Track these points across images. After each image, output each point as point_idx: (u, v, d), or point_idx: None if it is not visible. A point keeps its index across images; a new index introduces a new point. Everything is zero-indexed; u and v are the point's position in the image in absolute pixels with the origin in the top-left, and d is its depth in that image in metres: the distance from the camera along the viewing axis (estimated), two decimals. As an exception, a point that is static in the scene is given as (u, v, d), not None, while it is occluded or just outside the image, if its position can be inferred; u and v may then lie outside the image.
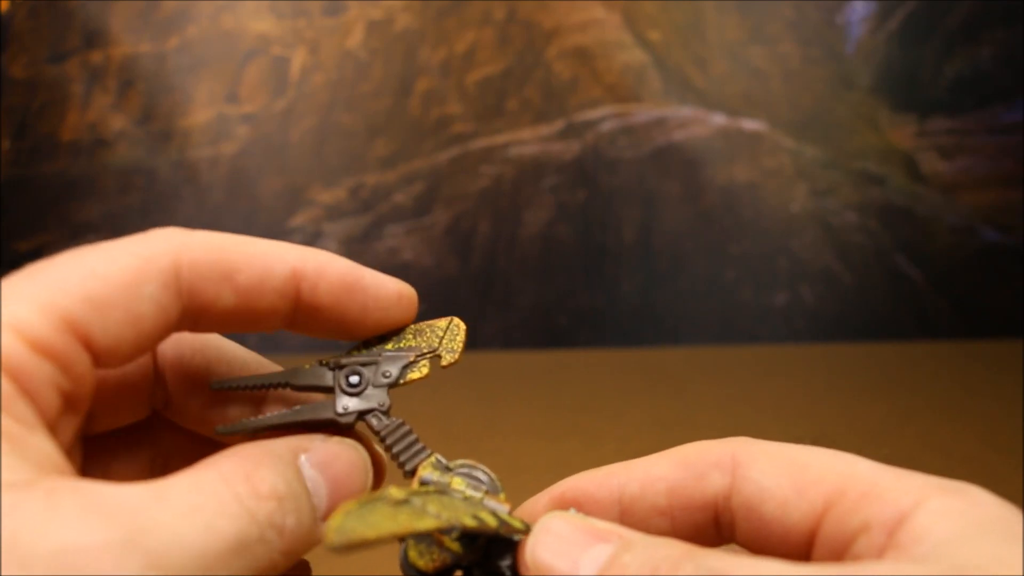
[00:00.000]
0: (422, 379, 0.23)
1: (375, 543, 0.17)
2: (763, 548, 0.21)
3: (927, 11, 1.82)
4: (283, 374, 0.22)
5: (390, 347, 0.23)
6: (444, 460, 0.21)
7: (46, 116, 1.90)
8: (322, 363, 0.22)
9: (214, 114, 1.89)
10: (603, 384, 1.55)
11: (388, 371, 0.22)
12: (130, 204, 1.87)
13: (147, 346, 0.20)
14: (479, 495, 0.21)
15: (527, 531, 0.20)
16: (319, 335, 0.23)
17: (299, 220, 1.87)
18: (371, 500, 0.17)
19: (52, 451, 0.17)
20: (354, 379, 0.22)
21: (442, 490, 0.20)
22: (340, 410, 0.21)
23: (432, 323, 0.24)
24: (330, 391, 0.22)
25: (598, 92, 1.86)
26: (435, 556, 0.20)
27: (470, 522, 0.18)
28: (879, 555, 0.18)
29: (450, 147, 1.87)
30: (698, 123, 1.84)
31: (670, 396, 1.45)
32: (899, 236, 1.82)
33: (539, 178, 1.86)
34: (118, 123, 1.88)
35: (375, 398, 0.22)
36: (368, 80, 1.89)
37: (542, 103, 1.87)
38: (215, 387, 0.21)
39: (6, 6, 1.90)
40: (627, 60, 1.85)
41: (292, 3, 1.88)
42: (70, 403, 0.18)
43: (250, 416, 0.24)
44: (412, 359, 0.23)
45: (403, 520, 0.18)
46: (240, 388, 0.21)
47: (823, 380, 1.55)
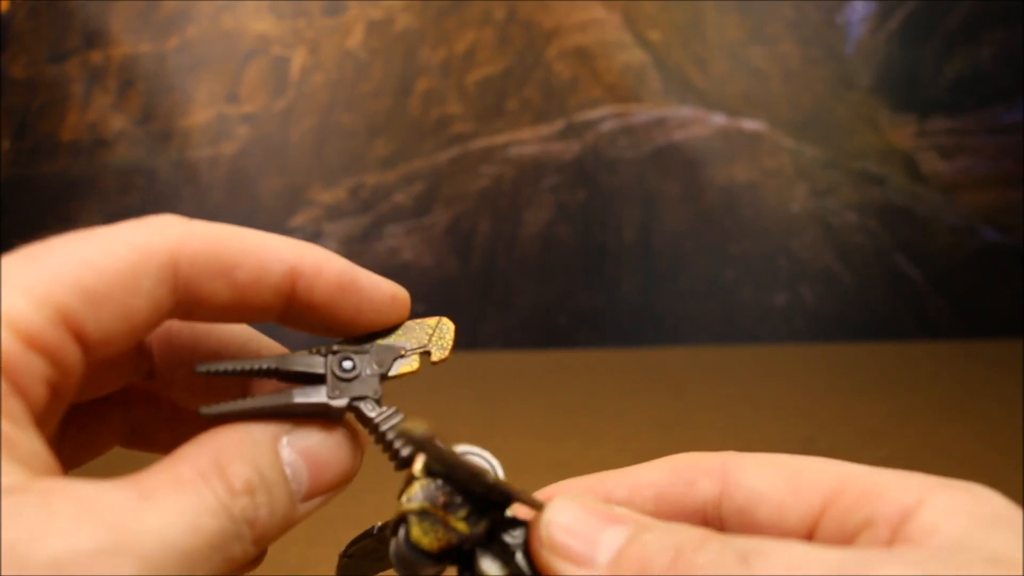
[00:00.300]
0: (412, 373, 0.23)
1: (436, 454, 0.18)
2: None
3: (927, 11, 1.82)
4: (272, 359, 0.21)
5: (380, 341, 0.23)
6: (445, 445, 0.21)
7: (46, 116, 1.90)
8: (312, 351, 0.22)
9: (214, 114, 1.89)
10: (603, 384, 1.55)
11: (381, 361, 0.22)
12: (130, 204, 1.87)
13: (138, 338, 0.20)
14: (491, 470, 0.21)
15: (541, 508, 0.20)
16: (310, 331, 0.23)
17: (299, 220, 1.87)
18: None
19: (41, 449, 0.17)
20: (347, 364, 0.22)
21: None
22: (332, 395, 0.21)
23: (421, 321, 0.24)
24: (321, 380, 0.21)
25: (598, 92, 1.86)
26: (440, 535, 0.20)
27: (502, 479, 0.19)
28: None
29: (450, 147, 1.87)
30: (698, 123, 1.84)
31: (670, 396, 1.45)
32: (899, 236, 1.82)
33: (539, 178, 1.86)
34: (118, 123, 1.88)
35: (368, 386, 0.22)
36: (368, 80, 1.89)
37: (542, 103, 1.87)
38: (200, 371, 0.20)
39: (6, 6, 1.90)
40: (627, 60, 1.85)
41: (292, 3, 1.88)
42: (58, 394, 0.18)
43: (237, 392, 0.24)
44: (403, 353, 0.23)
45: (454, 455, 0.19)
46: (227, 374, 0.21)
47: (823, 380, 1.55)
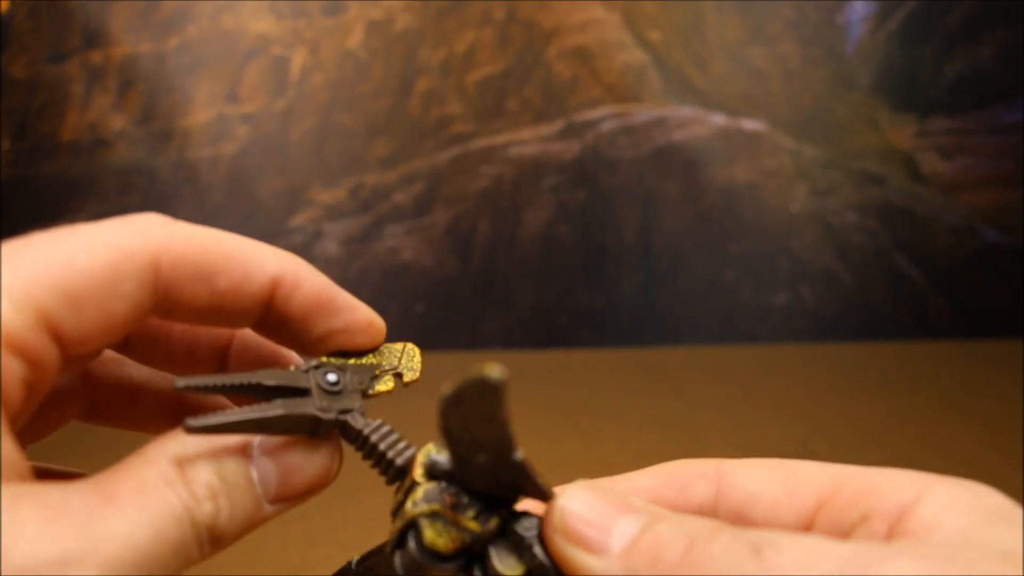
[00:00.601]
0: (388, 392, 0.23)
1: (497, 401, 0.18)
2: None
3: (927, 11, 1.82)
4: (253, 375, 0.21)
5: (352, 362, 0.23)
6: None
7: (46, 116, 1.90)
8: (292, 368, 0.22)
9: (214, 114, 1.89)
10: (603, 384, 1.55)
11: (360, 379, 0.23)
12: (130, 204, 1.87)
13: (117, 338, 0.20)
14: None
15: (551, 496, 0.20)
16: (281, 343, 0.24)
17: (299, 220, 1.87)
18: None
19: (12, 453, 0.17)
20: (332, 377, 0.22)
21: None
22: (321, 406, 0.21)
23: (388, 345, 0.25)
24: (304, 393, 0.21)
25: (598, 92, 1.86)
26: (453, 536, 0.20)
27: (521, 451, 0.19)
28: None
29: (450, 147, 1.87)
30: (698, 123, 1.84)
31: (670, 396, 1.45)
32: (899, 236, 1.82)
33: (539, 178, 1.86)
34: (118, 123, 1.88)
35: (353, 400, 0.22)
36: (368, 80, 1.89)
37: (542, 103, 1.87)
38: (179, 387, 0.20)
39: (6, 6, 1.90)
40: (627, 60, 1.85)
41: (292, 3, 1.88)
42: (33, 392, 0.18)
43: (214, 367, 0.24)
44: (377, 372, 0.23)
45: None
46: (206, 390, 0.21)
47: (823, 380, 1.55)
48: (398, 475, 0.21)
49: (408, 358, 0.25)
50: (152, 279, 0.20)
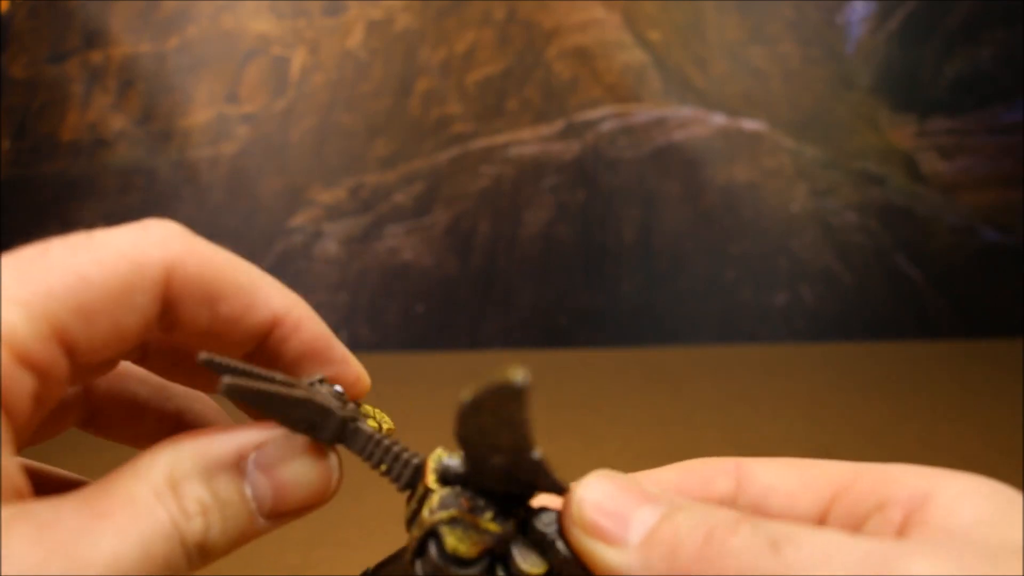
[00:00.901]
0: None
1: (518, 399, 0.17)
2: None
3: (927, 11, 1.82)
4: (271, 371, 0.21)
5: None
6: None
7: (46, 116, 1.90)
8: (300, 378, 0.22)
9: (214, 114, 1.89)
10: (603, 384, 1.55)
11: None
12: (130, 204, 1.87)
13: (126, 349, 0.20)
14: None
15: (567, 490, 0.20)
16: None
17: (299, 220, 1.87)
18: None
19: (13, 472, 0.17)
20: (339, 388, 0.23)
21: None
22: (335, 405, 0.22)
23: (363, 405, 0.25)
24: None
25: (598, 92, 1.86)
26: (475, 540, 0.20)
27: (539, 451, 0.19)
28: (898, 532, 0.18)
29: (450, 147, 1.87)
30: (698, 123, 1.84)
31: (670, 396, 1.45)
32: (899, 236, 1.82)
33: (539, 178, 1.86)
34: (118, 123, 1.88)
35: (357, 413, 0.22)
36: (368, 80, 1.89)
37: (542, 103, 1.87)
38: (202, 361, 0.20)
39: (6, 6, 1.90)
40: (627, 60, 1.85)
41: (292, 3, 1.88)
42: (41, 404, 0.18)
43: (238, 356, 0.24)
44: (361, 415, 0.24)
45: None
46: (227, 371, 0.20)
47: (823, 380, 1.55)
48: (409, 483, 0.21)
49: (381, 416, 0.25)
50: (162, 292, 0.20)
